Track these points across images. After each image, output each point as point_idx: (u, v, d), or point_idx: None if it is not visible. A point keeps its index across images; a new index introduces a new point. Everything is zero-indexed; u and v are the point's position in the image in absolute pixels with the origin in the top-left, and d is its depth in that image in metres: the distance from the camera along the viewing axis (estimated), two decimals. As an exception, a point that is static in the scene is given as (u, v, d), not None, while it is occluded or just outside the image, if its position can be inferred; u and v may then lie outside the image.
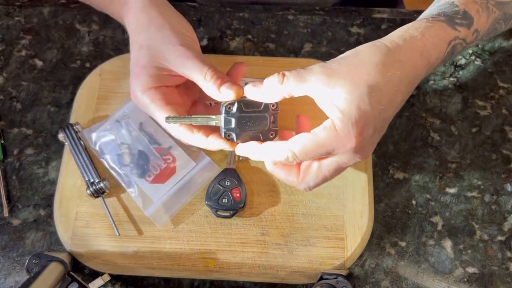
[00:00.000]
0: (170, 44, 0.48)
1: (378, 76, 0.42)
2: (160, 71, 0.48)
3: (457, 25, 0.48)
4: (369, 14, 0.70)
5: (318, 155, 0.43)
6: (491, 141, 0.62)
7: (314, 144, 0.42)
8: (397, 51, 0.44)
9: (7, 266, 0.57)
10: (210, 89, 0.46)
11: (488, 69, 0.66)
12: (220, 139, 0.46)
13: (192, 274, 0.55)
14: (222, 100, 0.46)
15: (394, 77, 0.43)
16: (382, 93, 0.42)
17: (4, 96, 0.65)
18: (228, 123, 0.45)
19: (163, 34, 0.48)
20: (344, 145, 0.42)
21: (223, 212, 0.56)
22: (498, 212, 0.58)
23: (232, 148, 0.47)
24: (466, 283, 0.55)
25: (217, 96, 0.46)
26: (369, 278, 0.56)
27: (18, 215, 0.59)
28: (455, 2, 0.49)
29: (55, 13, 0.70)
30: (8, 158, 0.62)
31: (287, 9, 0.70)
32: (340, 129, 0.41)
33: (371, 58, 0.43)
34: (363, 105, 0.41)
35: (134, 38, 0.50)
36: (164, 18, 0.49)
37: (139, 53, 0.49)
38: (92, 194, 0.56)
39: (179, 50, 0.47)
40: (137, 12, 0.50)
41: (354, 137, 0.42)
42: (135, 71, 0.49)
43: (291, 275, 0.55)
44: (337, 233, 0.56)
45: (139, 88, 0.48)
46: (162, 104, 0.47)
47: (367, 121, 0.42)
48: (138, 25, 0.50)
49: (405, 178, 0.60)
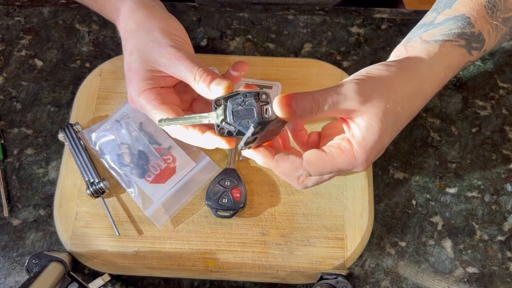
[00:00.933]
0: (160, 46, 0.48)
1: (405, 109, 0.44)
2: (153, 73, 0.49)
3: (473, 50, 0.48)
4: (369, 14, 0.70)
5: (331, 174, 0.45)
6: (491, 141, 0.62)
7: (331, 167, 0.43)
8: (425, 82, 0.45)
9: (7, 266, 0.57)
10: (201, 88, 0.46)
11: (488, 69, 0.66)
12: (216, 135, 0.46)
13: (192, 274, 0.55)
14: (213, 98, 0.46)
15: (416, 108, 0.45)
16: (402, 123, 0.44)
17: (4, 96, 0.65)
18: (220, 118, 0.44)
19: (152, 38, 0.49)
20: (357, 167, 0.44)
21: (223, 212, 0.56)
22: (498, 212, 0.58)
23: (229, 145, 0.46)
24: (466, 283, 0.55)
25: (209, 94, 0.46)
26: (369, 278, 0.56)
27: (18, 215, 0.59)
28: (471, 19, 0.47)
29: (55, 13, 0.70)
30: (8, 158, 0.62)
31: (287, 9, 0.70)
32: (358, 155, 0.42)
33: (403, 89, 0.44)
34: (384, 137, 0.43)
35: (125, 44, 0.51)
36: (153, 21, 0.50)
37: (130, 58, 0.49)
38: (92, 194, 0.56)
39: (169, 52, 0.48)
40: (125, 18, 0.51)
41: (366, 162, 0.43)
42: (129, 76, 0.49)
43: (291, 275, 0.55)
44: (337, 233, 0.56)
45: (134, 92, 0.49)
46: (157, 104, 0.48)
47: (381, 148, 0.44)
48: (127, 31, 0.50)
49: (405, 178, 0.60)
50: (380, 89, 0.42)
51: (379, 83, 0.43)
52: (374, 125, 0.42)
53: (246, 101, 0.43)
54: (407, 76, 0.44)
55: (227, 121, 0.43)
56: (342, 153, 0.42)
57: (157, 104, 0.48)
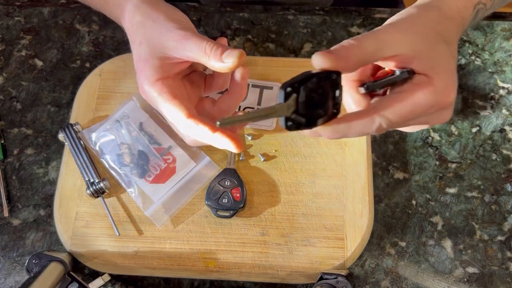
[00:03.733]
0: (167, 31, 0.48)
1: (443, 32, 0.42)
2: (163, 60, 0.48)
3: None
4: (369, 14, 0.70)
5: (415, 117, 0.39)
6: (491, 141, 0.62)
7: (411, 105, 0.38)
8: (444, 9, 0.43)
9: (7, 266, 0.57)
10: (212, 61, 0.45)
11: (488, 69, 0.66)
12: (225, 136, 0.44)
13: (192, 274, 0.55)
14: (227, 70, 0.45)
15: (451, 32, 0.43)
16: (452, 46, 0.42)
17: (4, 96, 0.65)
18: (291, 110, 0.36)
19: (159, 25, 0.49)
20: (441, 97, 0.39)
21: (223, 212, 0.56)
22: (498, 212, 0.58)
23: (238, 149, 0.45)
24: (466, 283, 0.55)
25: (221, 66, 0.45)
26: (369, 278, 0.56)
27: (18, 215, 0.59)
28: None
29: (55, 13, 0.70)
30: (8, 158, 0.62)
31: (287, 9, 0.70)
32: (436, 82, 0.39)
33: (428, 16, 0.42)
34: (450, 59, 0.40)
35: (133, 37, 0.51)
36: (158, 11, 0.50)
37: (139, 49, 0.49)
38: (92, 194, 0.56)
39: (177, 34, 0.47)
40: (131, 13, 0.51)
41: (447, 88, 0.39)
42: (139, 67, 0.49)
43: (291, 275, 0.55)
44: (337, 233, 0.56)
45: (146, 81, 0.48)
46: (170, 98, 0.47)
47: (454, 69, 0.40)
48: (133, 24, 0.50)
49: (405, 178, 0.60)
50: (414, 23, 0.41)
51: (406, 22, 0.41)
52: (433, 50, 0.39)
53: (320, 85, 0.37)
54: (428, 10, 0.43)
55: (300, 111, 0.37)
56: (418, 86, 0.38)
57: (169, 97, 0.47)
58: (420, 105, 0.39)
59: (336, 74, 0.38)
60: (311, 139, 0.60)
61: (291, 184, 0.58)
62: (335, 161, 0.59)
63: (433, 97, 0.39)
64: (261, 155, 0.59)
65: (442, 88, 0.39)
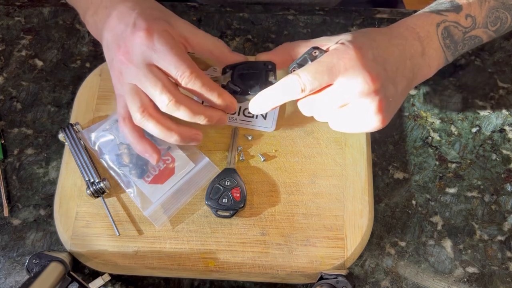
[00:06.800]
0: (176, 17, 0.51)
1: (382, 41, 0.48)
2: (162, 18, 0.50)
3: (442, 11, 0.51)
4: (369, 14, 0.70)
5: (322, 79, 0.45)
6: (491, 141, 0.62)
7: (316, 62, 0.45)
8: (390, 29, 0.50)
9: (7, 266, 0.57)
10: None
11: (488, 69, 0.66)
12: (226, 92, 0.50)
13: (192, 274, 0.55)
14: None
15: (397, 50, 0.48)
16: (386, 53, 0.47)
17: (4, 96, 0.65)
18: (227, 80, 0.52)
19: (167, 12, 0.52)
20: (345, 60, 0.44)
21: (223, 212, 0.56)
22: (498, 212, 0.58)
23: (231, 107, 0.50)
24: (466, 283, 0.55)
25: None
26: (369, 278, 0.56)
27: (18, 215, 0.59)
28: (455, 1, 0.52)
29: (55, 13, 0.70)
30: (8, 158, 0.62)
31: (287, 9, 0.70)
32: (345, 47, 0.45)
33: (378, 32, 0.50)
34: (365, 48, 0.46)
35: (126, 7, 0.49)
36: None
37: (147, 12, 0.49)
38: (92, 194, 0.56)
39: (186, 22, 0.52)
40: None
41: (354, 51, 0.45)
42: (139, 25, 0.47)
43: (291, 275, 0.55)
44: (337, 233, 0.56)
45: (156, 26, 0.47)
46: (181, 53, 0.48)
47: (365, 48, 0.45)
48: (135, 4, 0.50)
49: (405, 178, 0.60)
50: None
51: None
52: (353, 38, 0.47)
53: (253, 67, 0.51)
54: (370, 29, 0.51)
55: (234, 82, 0.51)
56: (332, 51, 0.46)
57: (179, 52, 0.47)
58: (322, 63, 0.45)
59: (271, 64, 0.51)
60: (311, 139, 0.60)
61: (291, 184, 0.58)
62: (335, 161, 0.59)
63: (335, 58, 0.45)
64: (261, 155, 0.59)
65: (340, 51, 0.45)
